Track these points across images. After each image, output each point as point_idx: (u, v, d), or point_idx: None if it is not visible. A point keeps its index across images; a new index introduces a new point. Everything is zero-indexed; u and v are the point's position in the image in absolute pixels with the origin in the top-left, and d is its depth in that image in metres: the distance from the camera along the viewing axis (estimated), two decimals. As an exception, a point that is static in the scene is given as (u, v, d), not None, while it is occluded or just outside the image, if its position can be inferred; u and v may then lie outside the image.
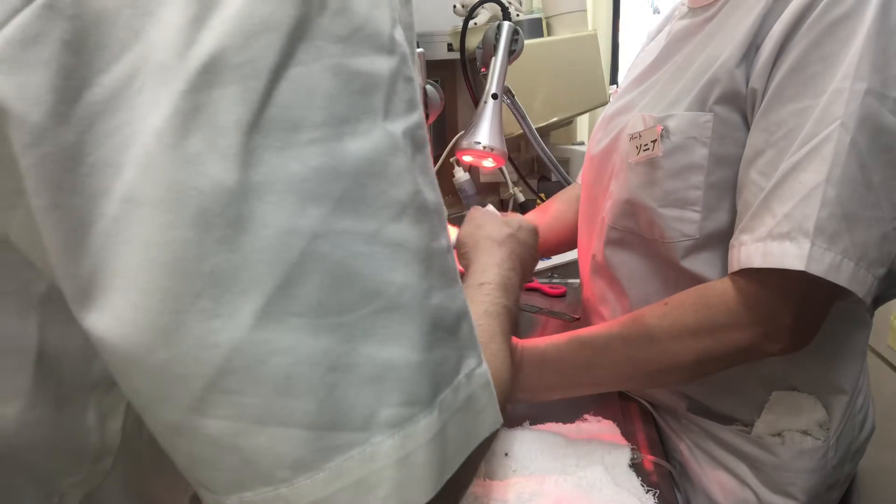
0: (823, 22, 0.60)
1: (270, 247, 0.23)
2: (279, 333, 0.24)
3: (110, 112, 0.23)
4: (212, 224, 0.23)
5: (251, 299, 0.23)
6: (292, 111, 0.24)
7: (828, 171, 0.58)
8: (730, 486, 0.77)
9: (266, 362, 0.24)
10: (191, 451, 0.25)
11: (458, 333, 0.29)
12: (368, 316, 0.25)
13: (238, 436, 0.24)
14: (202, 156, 0.23)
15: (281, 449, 0.24)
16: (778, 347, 0.65)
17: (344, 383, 0.25)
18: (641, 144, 0.73)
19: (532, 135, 1.24)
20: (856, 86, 0.58)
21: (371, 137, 0.25)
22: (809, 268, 0.58)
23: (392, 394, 0.25)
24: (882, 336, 1.32)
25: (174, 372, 0.23)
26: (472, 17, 1.22)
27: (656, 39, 0.89)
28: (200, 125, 0.23)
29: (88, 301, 0.24)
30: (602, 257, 0.82)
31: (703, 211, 0.70)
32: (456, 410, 0.28)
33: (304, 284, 0.24)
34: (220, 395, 0.24)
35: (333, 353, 0.24)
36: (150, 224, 0.23)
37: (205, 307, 0.23)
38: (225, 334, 0.23)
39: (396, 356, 0.26)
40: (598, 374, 0.73)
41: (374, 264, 0.25)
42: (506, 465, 0.70)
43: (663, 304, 0.69)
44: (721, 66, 0.67)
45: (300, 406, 0.24)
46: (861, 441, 0.78)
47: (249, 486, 0.25)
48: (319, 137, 0.24)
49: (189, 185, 0.23)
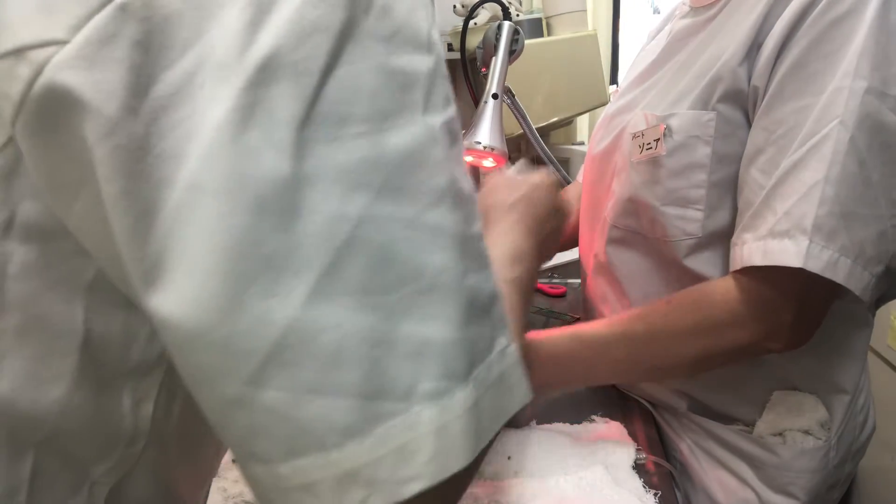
0: (824, 20, 0.60)
1: (320, 232, 0.25)
2: (329, 311, 0.25)
3: (174, 106, 0.25)
4: (268, 211, 0.25)
5: (303, 280, 0.25)
6: (340, 107, 0.26)
7: (826, 170, 0.59)
8: (731, 485, 0.77)
9: (317, 338, 0.25)
10: (249, 422, 0.26)
11: (491, 313, 0.30)
12: (409, 295, 0.27)
13: (294, 405, 0.26)
14: (260, 148, 0.25)
15: (332, 416, 0.26)
16: (779, 345, 0.65)
17: (387, 357, 0.26)
18: (644, 143, 0.73)
19: (532, 135, 1.24)
20: (856, 84, 0.58)
21: (412, 131, 0.27)
22: (807, 265, 0.59)
23: (431, 368, 0.27)
24: (882, 336, 1.32)
25: (235, 347, 0.25)
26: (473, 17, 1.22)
27: (657, 39, 0.89)
28: (258, 120, 0.25)
29: (154, 283, 0.26)
30: (604, 256, 0.82)
31: (705, 210, 0.70)
32: (489, 386, 0.29)
33: (350, 266, 0.26)
34: (277, 367, 0.25)
35: (377, 330, 0.26)
36: (212, 211, 0.25)
37: (262, 287, 0.25)
38: (280, 312, 0.25)
39: (435, 333, 0.27)
40: (597, 371, 0.73)
41: (415, 248, 0.27)
42: (508, 467, 0.70)
43: (665, 302, 0.69)
44: (724, 64, 0.67)
45: (349, 377, 0.26)
46: (862, 441, 0.78)
47: (303, 452, 0.26)
48: (364, 131, 0.26)
49: (248, 175, 0.25)
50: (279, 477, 0.27)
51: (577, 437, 0.76)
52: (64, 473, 0.33)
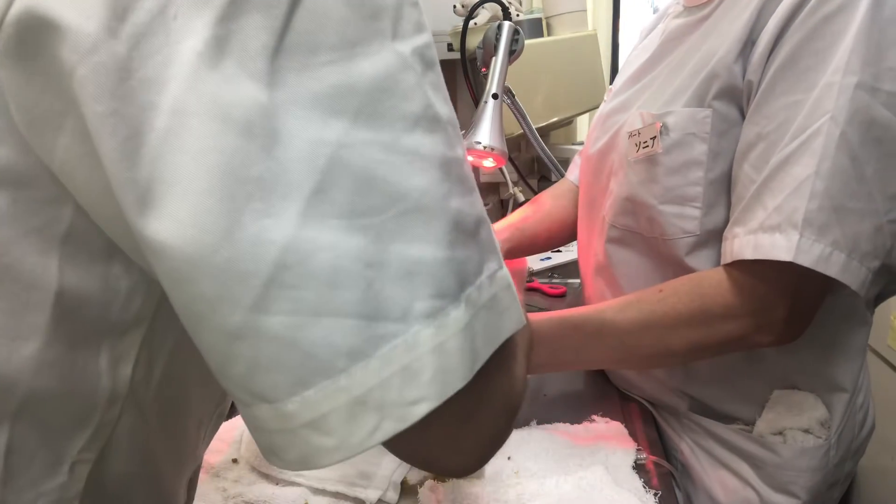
0: (816, 16, 0.61)
1: (302, 156, 0.26)
2: (321, 232, 0.26)
3: (151, 34, 0.25)
4: (254, 133, 0.25)
5: (293, 202, 0.26)
6: (309, 36, 0.26)
7: (817, 164, 0.59)
8: (731, 485, 0.77)
9: (314, 257, 0.26)
10: (253, 354, 0.26)
11: (479, 237, 0.31)
12: (395, 217, 0.27)
13: (298, 329, 0.26)
14: (236, 76, 0.25)
15: (336, 339, 0.26)
16: (770, 339, 0.66)
17: (381, 278, 0.27)
18: (640, 142, 0.73)
19: (532, 135, 1.24)
20: (846, 79, 0.59)
21: (381, 57, 0.28)
22: (798, 259, 0.59)
23: (424, 287, 0.28)
24: (882, 336, 1.32)
25: (237, 269, 0.25)
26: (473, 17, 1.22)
27: (649, 38, 0.89)
28: (232, 50, 0.26)
29: (148, 209, 0.26)
30: (603, 256, 0.82)
31: (703, 207, 0.70)
32: (481, 308, 0.30)
33: (335, 189, 0.26)
34: (279, 289, 0.26)
35: (368, 251, 0.27)
36: (201, 133, 0.25)
37: (257, 207, 0.25)
38: (277, 232, 0.25)
39: (424, 253, 0.28)
40: (589, 356, 0.74)
41: (395, 170, 0.27)
42: (508, 468, 0.70)
43: (657, 290, 0.69)
44: (719, 61, 0.67)
45: (348, 296, 0.26)
46: (861, 439, 0.78)
47: (311, 382, 0.26)
48: (335, 59, 0.27)
49: (230, 100, 0.25)
50: (286, 416, 0.27)
51: (577, 437, 0.76)
52: (42, 450, 0.33)
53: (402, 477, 0.67)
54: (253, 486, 0.68)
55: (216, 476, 0.70)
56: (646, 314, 0.69)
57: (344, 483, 0.66)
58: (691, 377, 0.78)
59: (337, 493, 0.66)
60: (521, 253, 1.04)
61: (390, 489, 0.66)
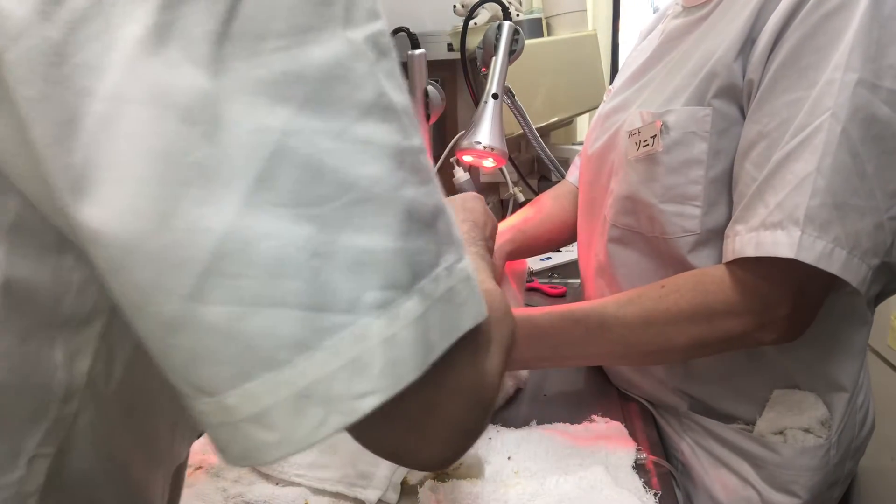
0: (817, 14, 0.61)
1: (245, 143, 0.25)
2: (264, 221, 0.25)
3: (90, 19, 0.25)
4: (195, 120, 0.25)
5: (235, 190, 0.25)
6: (257, 23, 0.26)
7: (818, 161, 0.59)
8: (732, 484, 0.77)
9: (257, 245, 0.25)
10: (191, 345, 0.26)
11: (435, 228, 0.30)
12: (344, 206, 0.27)
13: (238, 320, 0.25)
14: (179, 63, 0.25)
15: (279, 330, 0.26)
16: (772, 337, 0.66)
17: (328, 268, 0.26)
18: (641, 140, 0.73)
19: (532, 135, 1.24)
20: (847, 77, 0.59)
21: (333, 45, 0.27)
22: (799, 256, 0.59)
23: (373, 278, 0.27)
24: (882, 336, 1.32)
25: (173, 257, 0.25)
26: (473, 17, 1.22)
27: (649, 38, 0.89)
28: (175, 37, 0.25)
29: (83, 194, 0.25)
30: (604, 256, 0.82)
31: (703, 206, 0.70)
32: (437, 300, 0.29)
33: (280, 178, 0.26)
34: (217, 278, 0.25)
35: (315, 240, 0.26)
36: (140, 119, 0.25)
37: (195, 195, 0.25)
38: (216, 219, 0.25)
39: (374, 243, 0.27)
40: (590, 351, 0.74)
41: (344, 159, 0.27)
42: (508, 468, 0.70)
43: (659, 286, 0.70)
44: (718, 60, 0.67)
45: (292, 286, 0.26)
46: (862, 439, 0.78)
47: (252, 374, 0.26)
48: (283, 46, 0.26)
49: (171, 86, 0.25)
50: (227, 409, 0.26)
51: (577, 436, 0.76)
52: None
53: (402, 477, 0.67)
54: (253, 486, 0.68)
55: (216, 476, 0.70)
56: (647, 310, 0.69)
57: (344, 483, 0.66)
58: (691, 376, 0.78)
59: (337, 494, 0.66)
60: (522, 254, 1.04)
61: (390, 489, 0.66)
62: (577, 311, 0.73)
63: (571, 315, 0.72)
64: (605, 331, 0.71)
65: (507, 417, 0.81)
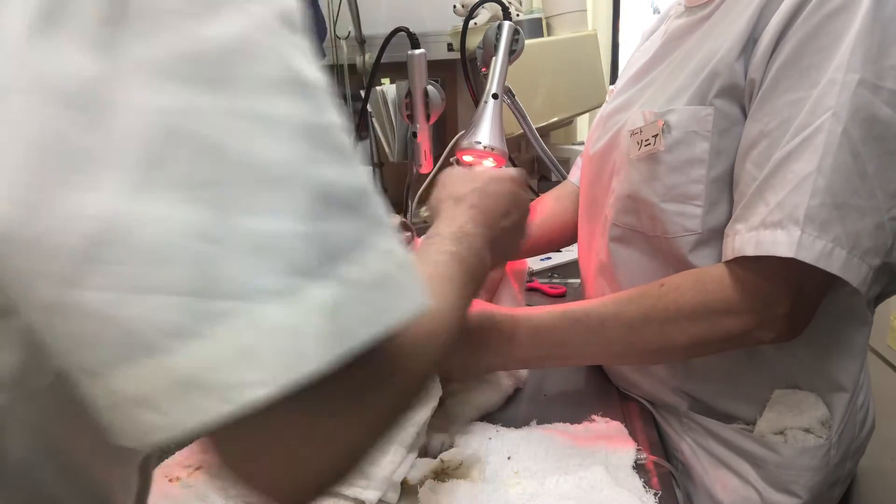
0: (819, 14, 0.61)
1: (135, 125, 0.25)
2: (151, 205, 0.25)
3: None
4: (80, 106, 0.24)
5: (120, 174, 0.24)
6: (151, 2, 0.25)
7: (819, 161, 0.59)
8: (732, 484, 0.77)
9: (140, 232, 0.25)
10: (71, 329, 0.26)
11: (360, 209, 0.29)
12: (244, 188, 0.26)
13: (116, 306, 0.25)
14: (65, 47, 0.24)
15: (160, 316, 0.25)
16: (771, 336, 0.66)
17: (221, 252, 0.25)
18: (643, 140, 0.73)
19: (532, 135, 1.24)
20: (848, 77, 0.59)
21: (235, 19, 0.26)
22: (799, 255, 0.59)
23: (273, 262, 0.26)
24: (882, 336, 1.32)
25: (50, 244, 0.24)
26: (473, 17, 1.22)
27: (651, 39, 0.89)
28: (62, 20, 0.24)
29: None
30: (606, 256, 0.82)
31: (704, 205, 0.70)
32: (362, 286, 0.28)
33: (172, 160, 0.25)
34: (95, 265, 0.24)
35: (208, 224, 0.25)
36: (22, 106, 0.24)
37: (78, 181, 0.24)
38: (99, 205, 0.24)
39: (275, 226, 0.26)
40: (590, 350, 0.74)
41: (246, 139, 0.26)
42: (508, 467, 0.70)
43: (659, 284, 0.70)
44: (720, 59, 0.67)
45: (176, 273, 0.25)
46: (862, 439, 0.78)
47: (133, 358, 0.25)
48: (179, 24, 0.25)
49: (54, 73, 0.24)
50: (112, 391, 0.26)
51: (576, 436, 0.76)
52: None
53: (402, 477, 0.67)
54: (253, 486, 0.67)
55: (216, 476, 0.70)
56: (647, 308, 0.69)
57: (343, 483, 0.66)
58: (691, 376, 0.78)
59: (337, 493, 0.66)
60: (523, 254, 1.04)
61: (390, 489, 0.66)
62: (577, 310, 0.73)
63: (571, 314, 0.72)
64: (604, 329, 0.71)
65: (506, 417, 0.81)
